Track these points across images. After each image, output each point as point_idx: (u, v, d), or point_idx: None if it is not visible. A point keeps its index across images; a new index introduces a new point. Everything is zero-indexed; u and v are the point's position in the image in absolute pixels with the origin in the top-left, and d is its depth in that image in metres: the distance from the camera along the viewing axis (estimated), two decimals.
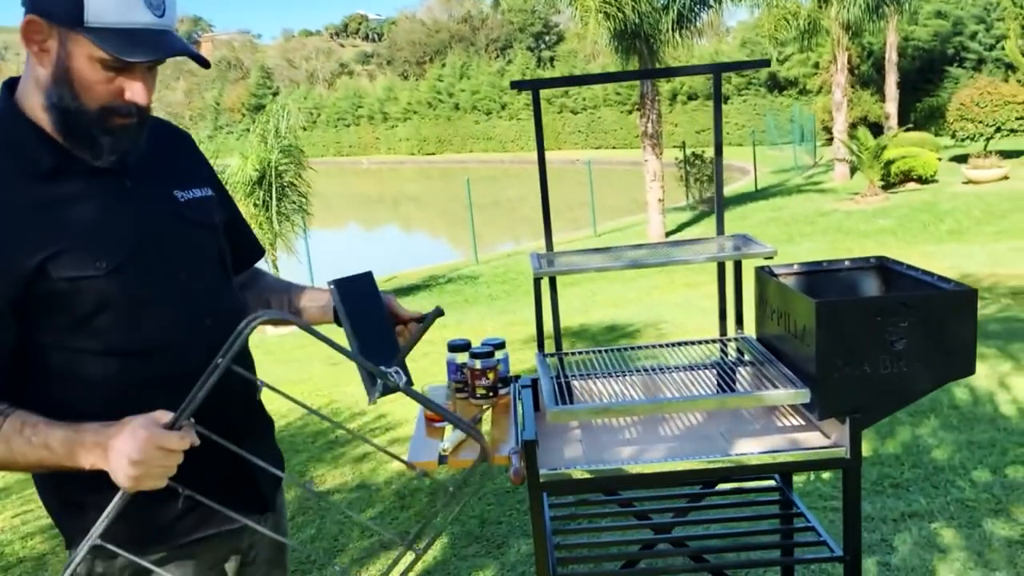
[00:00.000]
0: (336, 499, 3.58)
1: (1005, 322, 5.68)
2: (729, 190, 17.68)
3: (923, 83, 24.11)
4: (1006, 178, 13.27)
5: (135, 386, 1.25)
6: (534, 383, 2.03)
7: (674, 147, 18.69)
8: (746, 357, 2.00)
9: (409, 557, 1.22)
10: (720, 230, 2.07)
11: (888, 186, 13.90)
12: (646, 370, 1.98)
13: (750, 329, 2.09)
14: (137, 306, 1.25)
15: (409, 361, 1.40)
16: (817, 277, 2.03)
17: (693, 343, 2.07)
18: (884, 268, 2.02)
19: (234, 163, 9.60)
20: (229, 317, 1.23)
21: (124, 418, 1.14)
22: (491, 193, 24.32)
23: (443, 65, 40.87)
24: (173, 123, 1.48)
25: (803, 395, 1.68)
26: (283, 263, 10.11)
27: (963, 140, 15.55)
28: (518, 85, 1.91)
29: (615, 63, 13.78)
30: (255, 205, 9.46)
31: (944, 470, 3.19)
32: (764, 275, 1.98)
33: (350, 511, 3.40)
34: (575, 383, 1.95)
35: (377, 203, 29.30)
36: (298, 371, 6.44)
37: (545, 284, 1.99)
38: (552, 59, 44.77)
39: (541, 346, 2.12)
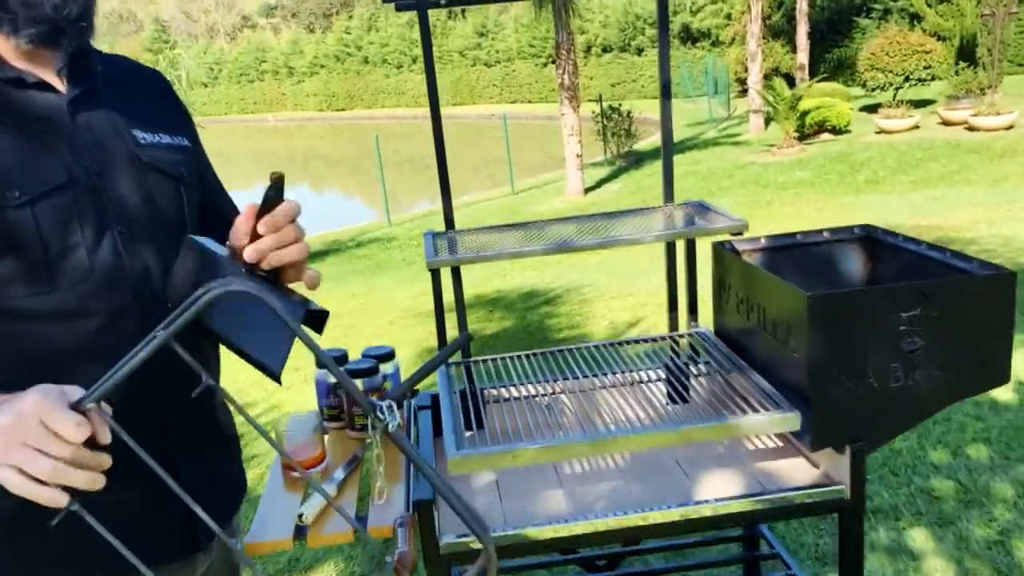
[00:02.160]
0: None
1: None
2: (645, 144, 17.41)
3: (832, 34, 24.29)
4: (917, 127, 13.37)
5: (40, 361, 0.98)
6: (435, 402, 1.55)
7: (590, 101, 18.26)
8: (704, 359, 1.57)
9: None
10: (668, 195, 1.61)
11: (803, 137, 13.84)
12: (579, 379, 1.52)
13: (704, 316, 1.66)
14: (54, 256, 0.98)
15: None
16: (789, 253, 1.60)
17: (636, 341, 1.62)
18: (871, 240, 1.60)
19: None
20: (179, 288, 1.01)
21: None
22: (405, 150, 23.44)
23: (350, 17, 39.21)
24: (140, 62, 1.24)
25: (792, 421, 1.25)
26: None
27: (873, 90, 15.63)
28: (398, 5, 1.37)
29: (528, 13, 13.18)
30: None
31: (901, 453, 2.88)
32: (725, 253, 1.54)
33: None
34: (487, 404, 1.47)
35: (285, 162, 28.01)
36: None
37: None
38: (463, 11, 43.53)
39: (442, 345, 1.63)
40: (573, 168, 12.42)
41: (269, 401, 4.22)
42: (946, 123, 13.20)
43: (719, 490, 1.33)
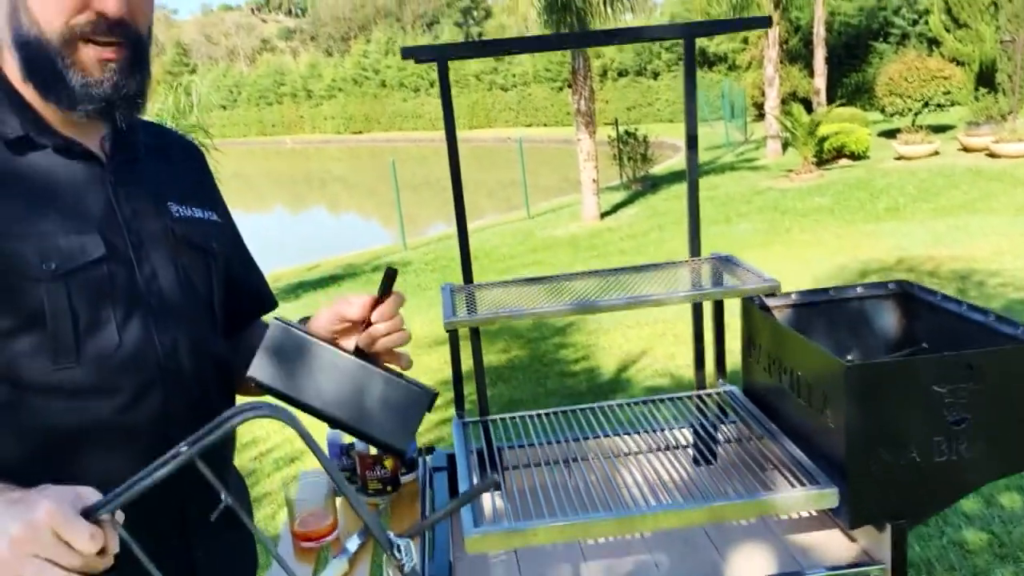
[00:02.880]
0: None
1: None
2: (662, 167, 17.39)
3: (849, 58, 24.26)
4: (936, 153, 13.25)
5: (59, 439, 0.95)
6: (451, 462, 1.49)
7: (605, 124, 18.27)
8: (732, 420, 1.50)
9: None
10: (695, 249, 1.55)
11: (821, 163, 13.76)
12: (599, 438, 1.46)
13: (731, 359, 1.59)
14: (83, 330, 0.96)
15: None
16: (821, 309, 1.54)
17: (661, 400, 1.56)
18: (907, 296, 1.54)
19: None
20: (204, 368, 1.05)
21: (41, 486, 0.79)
22: (421, 172, 23.52)
23: (368, 41, 39.58)
24: (184, 134, 1.24)
25: (829, 498, 1.18)
26: None
27: (892, 115, 15.54)
28: (413, 52, 1.32)
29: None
30: None
31: None
32: (755, 310, 1.48)
33: None
34: (507, 470, 1.41)
35: (302, 184, 28.19)
36: None
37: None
38: (480, 35, 43.89)
39: (460, 404, 1.58)
40: (589, 193, 12.39)
41: (286, 448, 4.14)
42: (967, 149, 13.08)
43: (753, 568, 1.26)
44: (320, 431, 1.26)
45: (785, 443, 1.33)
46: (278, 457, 3.91)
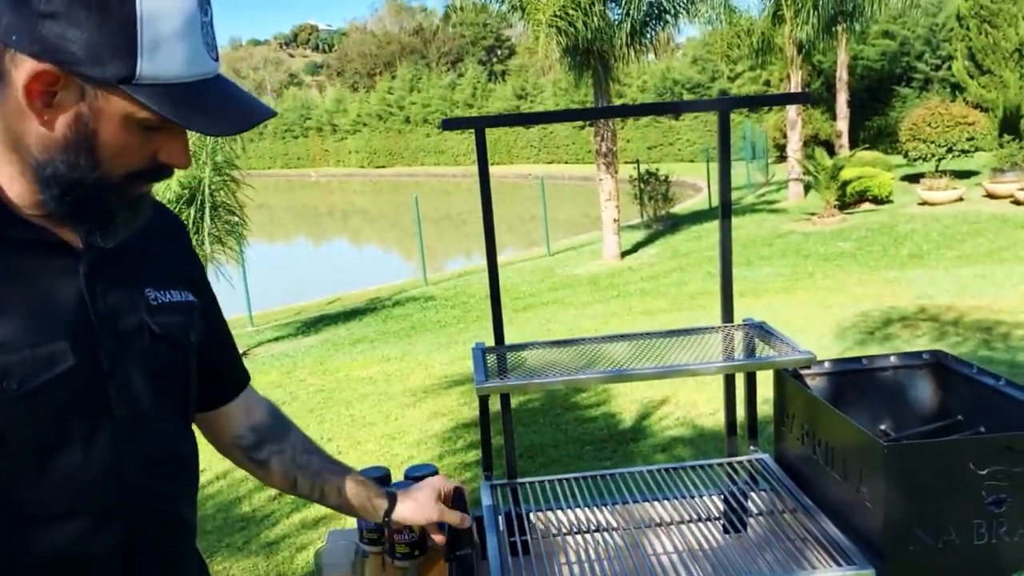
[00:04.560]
0: None
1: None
2: (682, 207, 17.41)
3: (872, 102, 24.29)
4: (961, 200, 13.18)
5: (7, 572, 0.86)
6: (479, 525, 1.48)
7: (626, 163, 18.37)
8: (763, 488, 1.48)
9: None
10: (728, 315, 1.55)
11: (844, 207, 13.72)
12: (628, 503, 1.44)
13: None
14: (46, 452, 0.86)
15: None
16: (855, 379, 1.52)
17: (691, 467, 1.54)
18: (941, 367, 1.52)
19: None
20: (176, 477, 0.98)
21: None
22: (443, 207, 23.71)
23: (393, 77, 40.16)
24: (161, 203, 1.12)
25: None
26: (216, 290, 9.34)
27: (915, 160, 15.51)
28: (453, 125, 1.34)
29: (567, 78, 13.37)
30: None
31: None
32: (789, 381, 1.47)
33: None
34: (534, 537, 1.40)
35: (325, 217, 28.49)
36: None
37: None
38: (504, 73, 44.43)
39: (488, 467, 1.57)
40: (610, 232, 12.42)
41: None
42: (991, 196, 13.01)
43: None
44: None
45: (819, 518, 1.31)
46: (296, 498, 3.91)
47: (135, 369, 0.93)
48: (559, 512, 1.49)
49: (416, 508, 1.26)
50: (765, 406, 1.48)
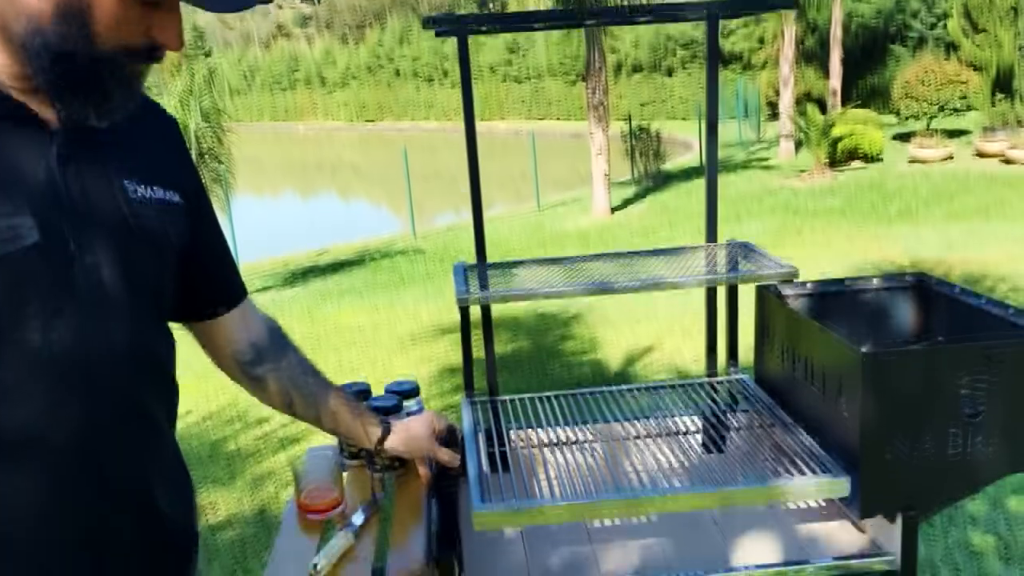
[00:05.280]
0: (228, 536, 2.99)
1: None
2: (673, 164, 17.31)
3: (866, 60, 24.07)
4: (951, 158, 13.17)
5: None
6: (463, 439, 1.48)
7: (618, 119, 18.20)
8: (743, 408, 1.49)
9: None
10: (712, 234, 1.53)
11: (834, 164, 13.68)
12: (610, 423, 1.45)
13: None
14: (3, 327, 0.82)
15: None
16: (837, 300, 1.52)
17: (672, 386, 1.55)
18: (923, 289, 1.52)
19: None
20: (141, 373, 0.94)
21: None
22: (432, 162, 23.50)
23: (383, 29, 39.51)
24: (158, 103, 1.08)
25: (841, 486, 1.17)
26: None
27: (907, 119, 15.45)
28: (434, 23, 1.31)
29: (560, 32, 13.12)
30: None
31: None
32: (770, 298, 1.46)
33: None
34: (515, 450, 1.41)
35: (314, 171, 28.21)
36: (204, 363, 5.75)
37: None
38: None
39: (469, 384, 1.57)
40: (600, 187, 12.35)
41: (291, 428, 4.14)
42: (981, 155, 13.00)
43: (758, 554, 1.25)
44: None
45: (797, 432, 1.32)
46: (283, 436, 3.92)
47: (105, 257, 0.90)
48: (539, 430, 1.50)
49: (409, 441, 1.27)
50: (747, 337, 1.48)
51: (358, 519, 1.28)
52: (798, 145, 15.30)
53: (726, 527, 1.34)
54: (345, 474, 1.46)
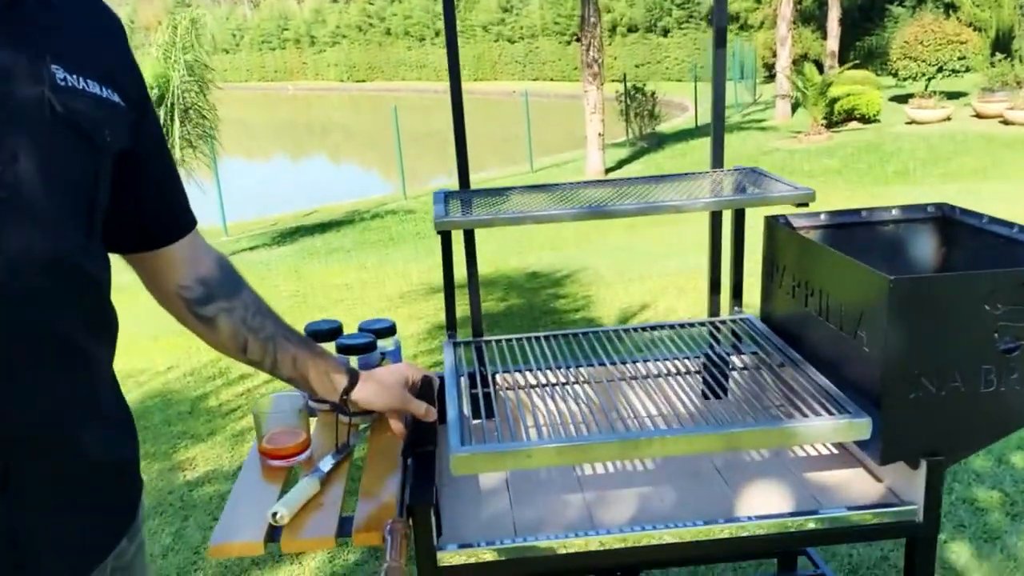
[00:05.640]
0: (206, 492, 2.89)
1: None
2: (668, 126, 17.10)
3: (864, 21, 23.74)
4: (949, 119, 13.01)
5: None
6: (442, 385, 1.36)
7: (613, 81, 17.90)
8: (750, 349, 1.37)
9: None
10: (718, 159, 1.40)
11: (831, 125, 13.50)
12: (604, 366, 1.33)
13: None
14: None
15: None
16: (852, 232, 1.40)
17: (670, 326, 1.42)
18: (946, 220, 1.40)
19: None
20: (60, 289, 0.79)
21: None
22: (424, 124, 23.14)
23: None
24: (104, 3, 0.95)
25: (861, 428, 1.06)
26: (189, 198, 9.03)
27: (905, 79, 15.24)
28: None
29: None
30: None
31: None
32: (780, 228, 1.34)
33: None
34: (499, 392, 1.29)
35: (303, 132, 27.81)
36: None
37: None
38: None
39: (451, 324, 1.45)
40: (594, 147, 12.17)
41: (277, 384, 4.03)
42: (980, 116, 12.83)
43: (766, 504, 1.14)
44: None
45: (810, 371, 1.20)
46: (265, 393, 3.80)
47: (24, 147, 0.77)
48: (527, 373, 1.37)
49: (379, 391, 1.14)
50: (751, 280, 1.36)
51: (326, 465, 1.16)
52: (795, 107, 15.09)
53: (730, 475, 1.22)
54: (314, 419, 1.34)
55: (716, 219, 1.41)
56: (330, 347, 1.30)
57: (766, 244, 1.38)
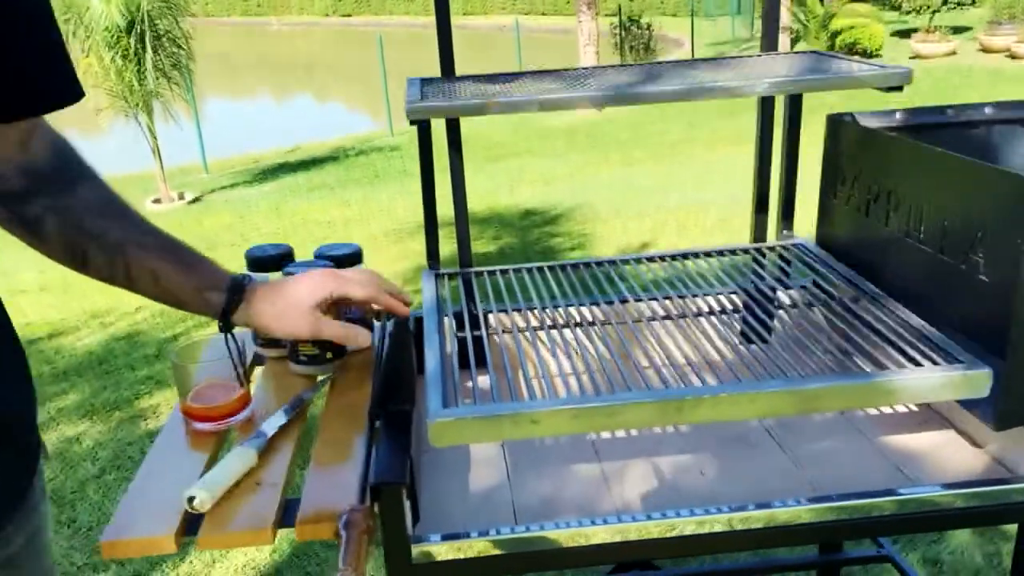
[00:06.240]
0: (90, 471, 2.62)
1: None
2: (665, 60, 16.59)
3: None
4: (954, 53, 12.60)
5: None
6: (419, 328, 1.09)
7: (607, 15, 17.32)
8: (810, 282, 1.10)
9: None
10: (771, 41, 1.11)
11: None
12: (620, 306, 1.06)
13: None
14: None
15: None
16: (935, 136, 1.11)
17: (708, 253, 1.15)
18: None
19: (95, 5, 7.94)
20: None
21: None
22: (413, 60, 22.44)
23: None
24: None
25: (977, 382, 0.79)
26: (165, 133, 8.64)
27: (908, 13, 14.75)
28: None
29: None
30: (123, 56, 7.92)
31: None
32: (850, 126, 1.06)
33: None
34: (493, 336, 1.02)
35: (288, 69, 26.98)
36: None
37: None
38: None
39: (433, 253, 1.17)
40: None
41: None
42: (986, 50, 12.42)
43: (839, 480, 0.88)
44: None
45: (895, 308, 0.93)
46: (174, 333, 3.54)
47: None
48: (530, 314, 1.10)
49: (276, 315, 0.86)
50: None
51: (269, 428, 0.90)
52: (794, 41, 14.60)
53: (786, 438, 0.96)
54: (260, 369, 1.07)
55: (767, 111, 1.13)
56: (277, 277, 1.02)
57: (828, 149, 1.10)
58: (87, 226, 0.76)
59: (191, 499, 0.76)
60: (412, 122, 0.90)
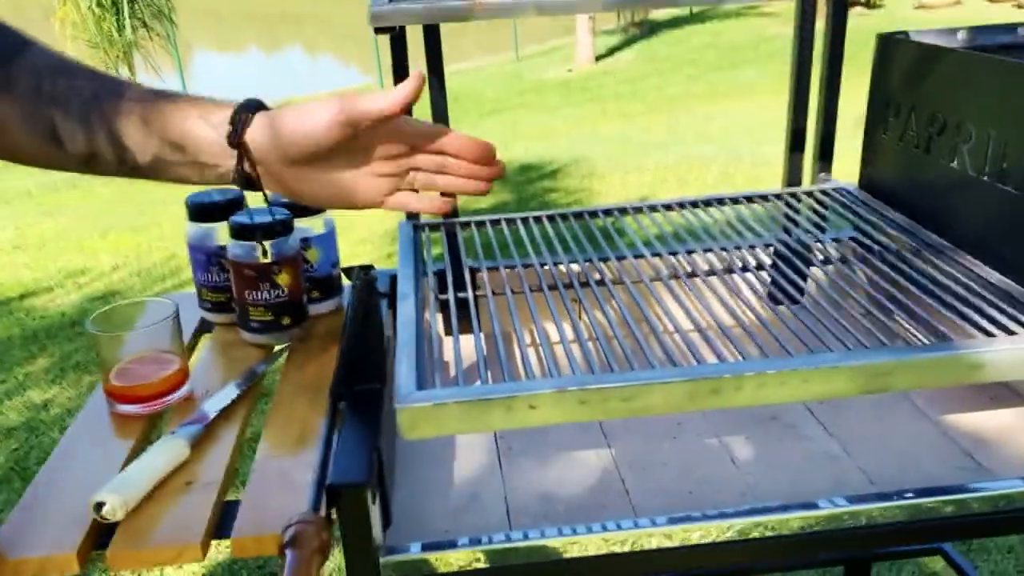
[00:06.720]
0: None
1: None
2: (661, 14, 16.20)
3: None
4: (960, 3, 12.30)
5: None
6: (394, 286, 0.93)
7: None
8: (857, 232, 0.93)
9: None
10: None
11: None
12: (631, 261, 0.90)
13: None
14: None
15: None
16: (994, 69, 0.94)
17: (734, 199, 0.98)
18: None
19: None
20: None
21: None
22: None
23: None
24: None
25: None
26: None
27: None
28: None
29: None
30: (99, 5, 7.63)
31: None
32: (907, 46, 0.88)
33: None
34: (481, 299, 0.86)
35: (277, 24, 26.40)
36: (145, 214, 5.09)
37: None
38: None
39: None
40: (584, 33, 11.42)
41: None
42: (993, 0, 12.11)
43: (903, 471, 0.73)
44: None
45: (968, 261, 0.77)
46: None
47: None
48: (525, 271, 0.93)
49: (298, 113, 0.63)
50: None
51: (213, 408, 0.74)
52: None
53: (830, 420, 0.81)
54: (206, 338, 0.91)
55: (807, 22, 0.96)
56: (225, 235, 0.86)
57: (877, 75, 0.93)
58: (46, 88, 0.58)
59: (99, 505, 0.61)
60: (377, 31, 0.73)
